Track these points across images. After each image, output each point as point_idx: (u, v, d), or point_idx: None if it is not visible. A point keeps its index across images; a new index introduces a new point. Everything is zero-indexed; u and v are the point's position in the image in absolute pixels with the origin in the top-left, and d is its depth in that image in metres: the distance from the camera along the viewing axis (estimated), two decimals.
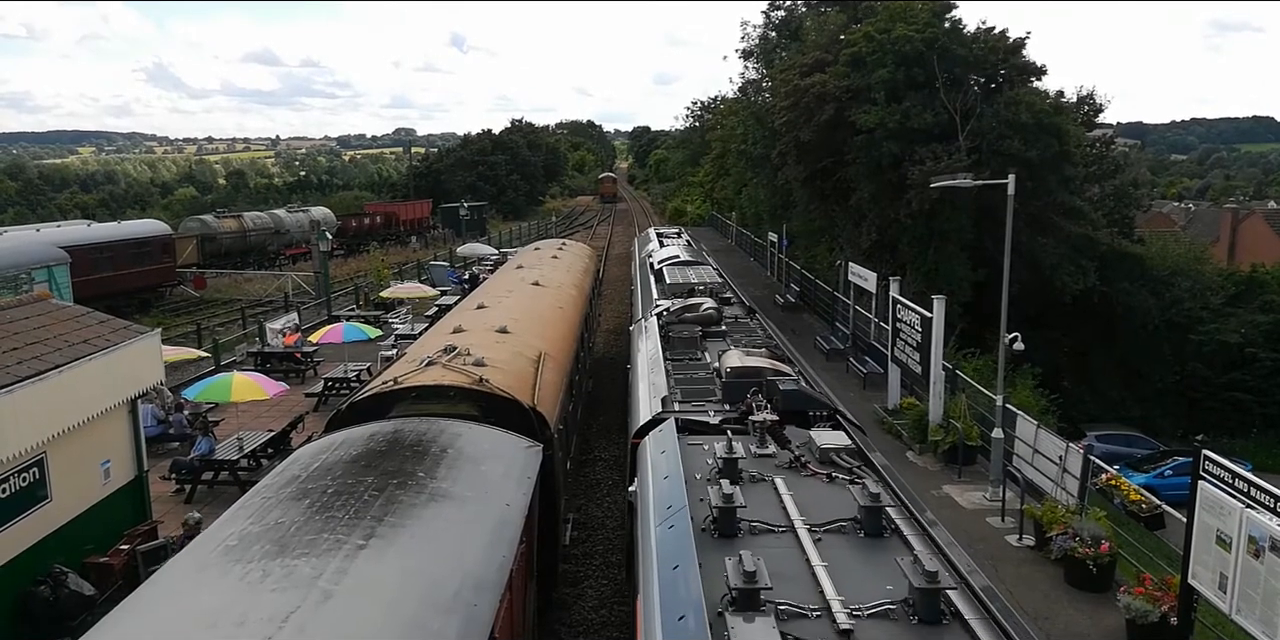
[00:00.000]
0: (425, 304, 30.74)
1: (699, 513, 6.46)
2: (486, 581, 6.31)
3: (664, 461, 7.87)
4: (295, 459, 8.35)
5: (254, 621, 5.07)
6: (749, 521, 6.24)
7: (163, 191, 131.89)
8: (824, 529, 6.20)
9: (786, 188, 34.72)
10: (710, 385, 10.58)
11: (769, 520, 6.31)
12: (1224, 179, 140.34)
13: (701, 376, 11.06)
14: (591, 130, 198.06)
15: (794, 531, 6.17)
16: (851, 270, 23.19)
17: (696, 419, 9.16)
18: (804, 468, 7.55)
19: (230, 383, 15.71)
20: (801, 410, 9.11)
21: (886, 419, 18.39)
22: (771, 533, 6.18)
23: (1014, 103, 27.11)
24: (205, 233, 47.61)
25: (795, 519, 6.34)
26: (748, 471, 7.31)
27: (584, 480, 16.76)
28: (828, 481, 7.28)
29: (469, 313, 15.15)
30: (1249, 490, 8.17)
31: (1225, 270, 41.16)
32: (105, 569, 11.06)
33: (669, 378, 11.01)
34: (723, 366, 10.97)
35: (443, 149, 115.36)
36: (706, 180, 65.91)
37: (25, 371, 9.72)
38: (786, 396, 9.27)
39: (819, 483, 7.27)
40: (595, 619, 12.06)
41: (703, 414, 9.36)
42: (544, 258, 24.12)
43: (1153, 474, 25.71)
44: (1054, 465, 13.24)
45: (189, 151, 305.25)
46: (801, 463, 7.63)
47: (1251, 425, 35.13)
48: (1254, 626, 8.08)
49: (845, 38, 29.95)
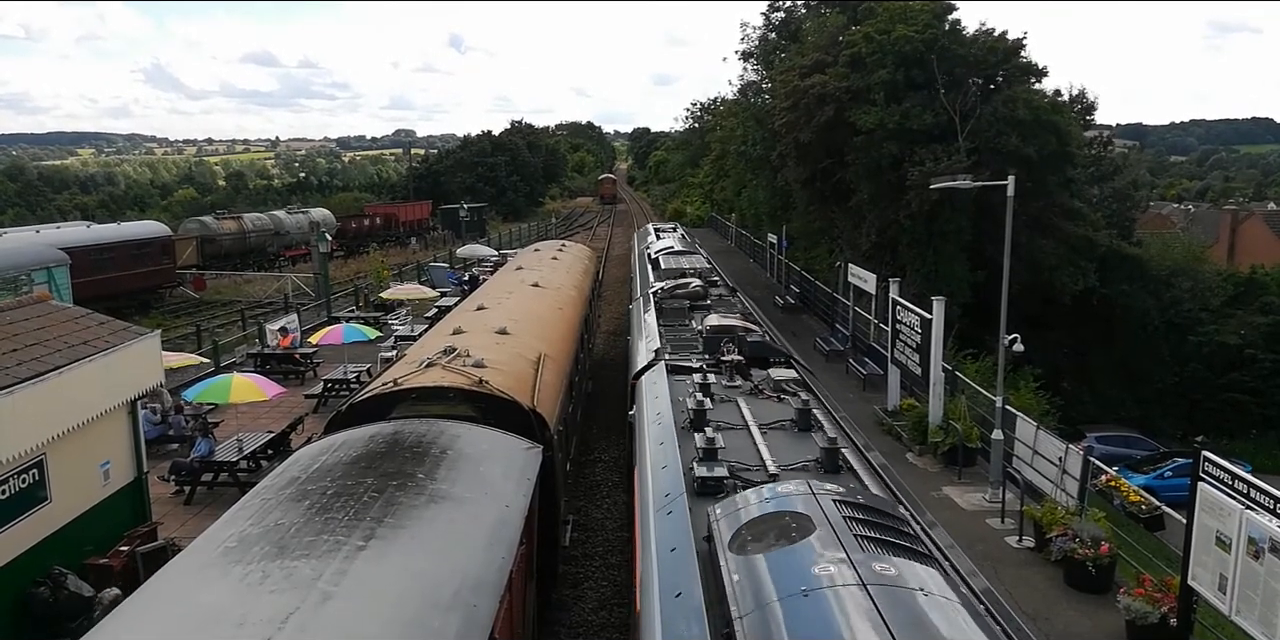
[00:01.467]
0: (425, 305, 30.74)
1: (680, 417, 8.84)
2: (486, 583, 6.31)
3: (655, 390, 10.31)
4: (295, 460, 8.35)
5: (254, 622, 5.07)
6: (715, 422, 8.48)
7: (162, 193, 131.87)
8: (768, 426, 8.62)
9: (786, 189, 34.77)
10: (694, 342, 12.74)
11: (729, 421, 8.71)
12: (1223, 180, 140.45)
13: (687, 337, 13.32)
14: (591, 131, 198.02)
15: (747, 427, 8.57)
16: (851, 271, 23.20)
17: (682, 364, 11.26)
18: (760, 393, 10.01)
19: (229, 384, 15.70)
20: (763, 356, 11.54)
21: (886, 420, 18.39)
22: (731, 428, 8.47)
23: (1012, 99, 27.14)
24: (205, 234, 47.62)
25: (749, 421, 8.75)
26: (717, 395, 9.69)
27: (584, 482, 16.76)
28: (777, 401, 9.71)
29: (469, 314, 15.15)
30: (1248, 491, 8.18)
31: (1225, 271, 41.17)
32: (105, 570, 11.05)
33: (661, 337, 13.21)
34: (704, 327, 13.20)
35: (442, 150, 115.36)
36: (706, 181, 65.93)
37: (25, 373, 9.72)
38: (751, 346, 11.75)
39: (771, 402, 9.69)
40: (595, 620, 12.06)
41: (687, 361, 11.44)
42: (544, 259, 24.13)
43: (1152, 475, 25.73)
44: (1054, 466, 13.25)
45: (189, 153, 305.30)
46: (759, 389, 10.12)
47: (1251, 426, 35.15)
48: (1253, 627, 8.09)
49: (845, 39, 29.98)
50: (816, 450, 7.63)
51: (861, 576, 4.74)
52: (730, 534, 5.65)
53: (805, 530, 5.36)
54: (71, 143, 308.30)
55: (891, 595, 4.59)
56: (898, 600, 4.55)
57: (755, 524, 5.67)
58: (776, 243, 37.16)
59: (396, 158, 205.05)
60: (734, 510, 6.01)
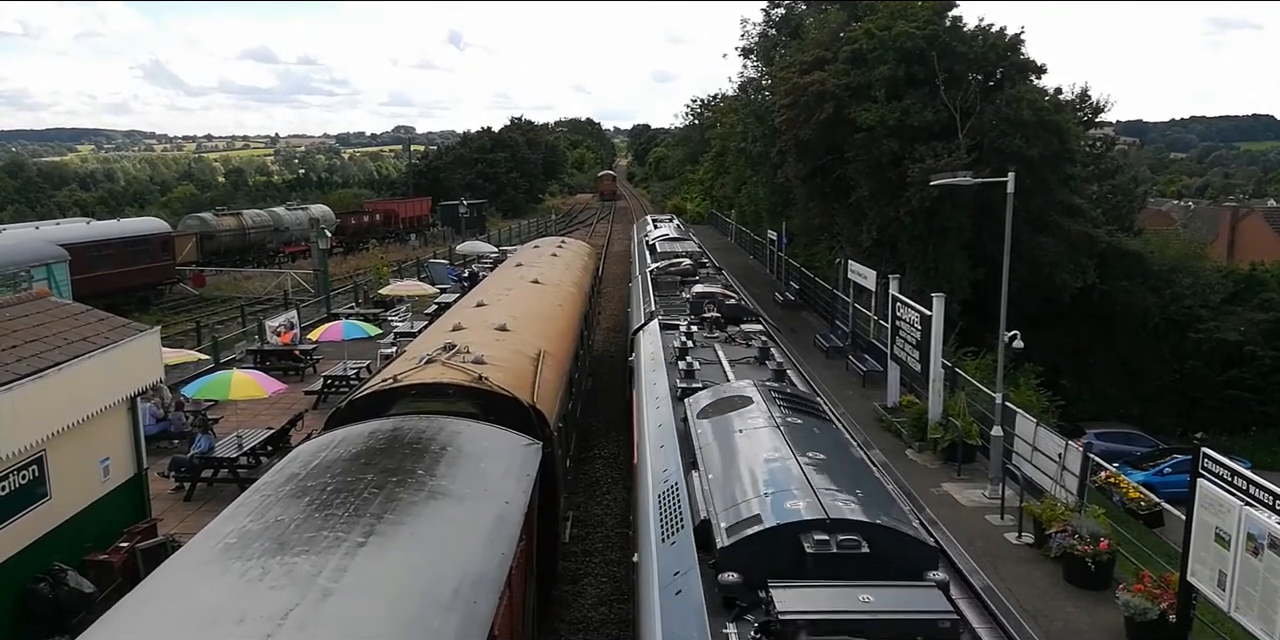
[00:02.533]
0: (424, 302, 30.72)
1: (668, 356, 11.53)
2: (486, 579, 6.31)
3: (650, 340, 13.01)
4: (294, 457, 8.35)
5: (253, 619, 5.07)
6: (695, 358, 11.11)
7: (162, 189, 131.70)
8: (736, 361, 11.30)
9: (786, 186, 34.70)
10: (683, 308, 15.36)
11: (706, 358, 11.41)
12: (1223, 177, 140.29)
13: (676, 303, 16.04)
14: (590, 128, 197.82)
15: (719, 362, 11.31)
16: (851, 268, 23.20)
17: (671, 322, 13.88)
18: (733, 341, 12.74)
19: (229, 381, 15.69)
20: (738, 315, 14.22)
21: (886, 417, 18.40)
22: (707, 363, 11.14)
23: (1015, 100, 27.10)
24: (204, 230, 47.61)
25: (720, 357, 11.51)
26: (698, 341, 12.38)
27: (584, 478, 16.77)
28: (745, 346, 12.31)
29: (468, 311, 15.15)
30: (1248, 488, 8.17)
31: (1224, 268, 41.13)
32: (105, 566, 11.06)
33: (655, 303, 16.15)
34: (690, 293, 16.04)
35: (442, 147, 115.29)
36: (706, 178, 65.87)
37: (24, 369, 9.72)
38: (729, 308, 14.47)
39: (740, 347, 12.37)
40: (595, 617, 12.07)
41: (676, 320, 13.92)
42: (543, 256, 24.12)
43: (1152, 471, 25.74)
44: (1053, 463, 13.25)
45: (188, 149, 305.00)
46: (731, 338, 12.87)
47: (1250, 423, 35.14)
48: (1252, 624, 8.09)
49: (845, 35, 29.91)
50: (769, 374, 10.39)
51: (777, 423, 7.56)
52: (698, 410, 8.47)
53: (746, 403, 8.23)
54: (71, 139, 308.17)
55: (794, 430, 7.41)
56: (798, 432, 7.37)
57: (715, 403, 8.48)
58: (776, 239, 37.15)
59: (396, 154, 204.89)
60: (702, 399, 8.84)
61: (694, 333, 12.70)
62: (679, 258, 21.24)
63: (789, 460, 6.57)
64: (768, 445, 6.99)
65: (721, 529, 5.70)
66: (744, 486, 6.30)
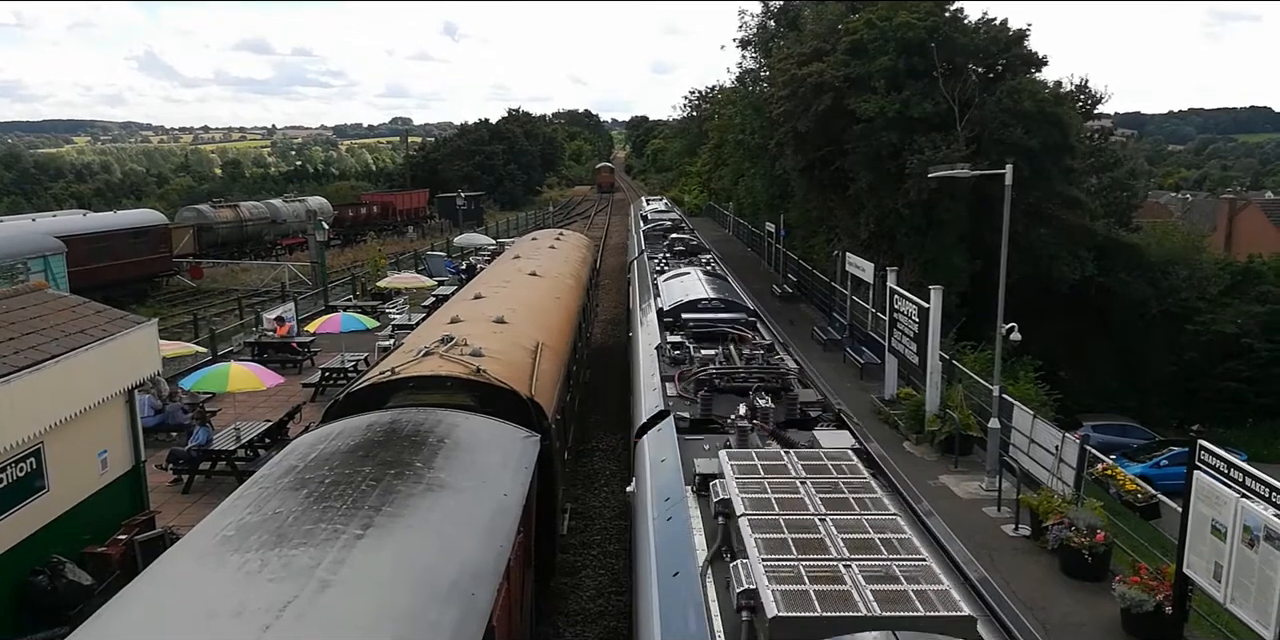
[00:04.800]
0: (422, 294, 30.71)
1: (651, 270, 20.25)
2: (484, 571, 6.32)
3: (640, 267, 22.74)
4: (293, 449, 8.35)
5: (252, 611, 5.08)
6: (670, 271, 19.25)
7: (159, 181, 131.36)
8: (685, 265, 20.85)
9: (784, 178, 34.67)
10: (667, 250, 24.20)
11: (678, 272, 18.76)
12: (1221, 169, 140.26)
13: (660, 247, 24.95)
14: (588, 120, 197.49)
15: (686, 274, 17.82)
16: (849, 260, 23.18)
17: (655, 257, 22.49)
18: (695, 265, 20.36)
19: (227, 373, 15.67)
20: (694, 251, 24.00)
21: (884, 409, 18.42)
22: (678, 275, 18.07)
23: (1016, 91, 27.05)
24: (202, 222, 47.51)
25: (687, 271, 18.70)
26: (672, 266, 20.43)
27: (582, 470, 16.79)
28: (706, 268, 19.98)
29: (466, 303, 15.14)
30: (1244, 480, 8.20)
31: (1222, 260, 41.13)
32: (103, 559, 11.07)
33: (646, 245, 26.75)
34: (669, 241, 26.05)
35: (439, 138, 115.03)
36: (704, 170, 65.74)
37: (22, 361, 9.71)
38: (691, 247, 24.72)
39: (703, 268, 19.53)
40: (593, 608, 12.10)
41: (657, 254, 22.99)
42: (541, 248, 24.09)
43: (1149, 464, 25.82)
44: (1050, 455, 13.26)
45: (185, 141, 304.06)
46: (693, 263, 20.98)
47: (1247, 415, 35.19)
48: (1248, 615, 8.13)
49: (845, 26, 29.82)
50: (733, 291, 16.82)
51: (702, 279, 16.83)
52: (663, 279, 18.02)
53: (685, 274, 17.73)
54: (67, 131, 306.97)
55: (713, 281, 17.14)
56: (707, 279, 17.03)
57: (670, 275, 18.35)
58: (774, 232, 37.12)
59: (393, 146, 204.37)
60: (665, 274, 18.24)
61: (669, 260, 22.06)
62: (664, 220, 34.22)
63: (697, 285, 15.81)
64: (689, 283, 16.28)
65: (666, 307, 14.61)
66: (675, 295, 15.43)
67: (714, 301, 14.73)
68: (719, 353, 11.56)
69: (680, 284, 16.71)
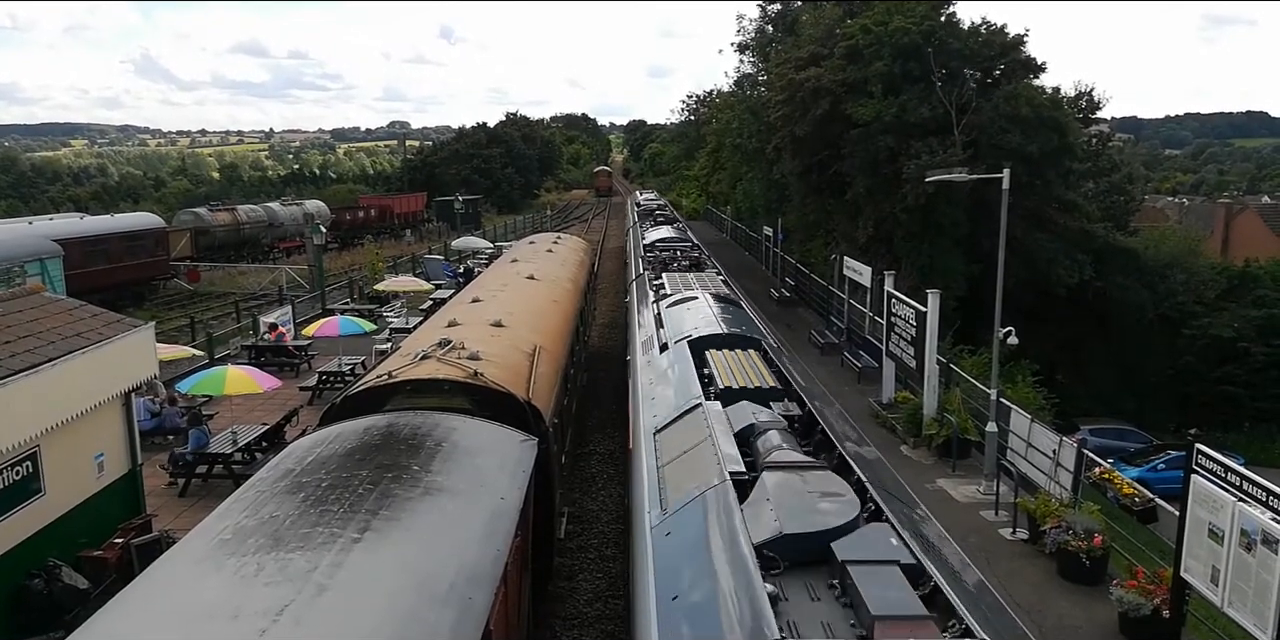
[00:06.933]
0: (420, 297, 30.70)
1: (647, 253, 25.35)
2: (482, 575, 6.31)
3: (634, 237, 31.51)
4: (289, 452, 8.33)
5: (248, 615, 5.06)
6: (658, 244, 26.53)
7: (156, 184, 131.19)
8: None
9: (781, 182, 34.72)
10: (658, 229, 29.51)
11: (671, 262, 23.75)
12: (1218, 174, 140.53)
13: (650, 226, 32.23)
14: (586, 123, 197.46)
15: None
16: (847, 264, 23.21)
17: (646, 231, 31.17)
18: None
19: (224, 376, 15.65)
20: (669, 222, 34.88)
21: (881, 413, 18.43)
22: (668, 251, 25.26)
23: (1013, 97, 27.10)
24: (199, 226, 47.47)
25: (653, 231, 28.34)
26: (665, 248, 25.83)
27: (579, 474, 16.77)
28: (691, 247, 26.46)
29: (464, 306, 15.12)
30: (1241, 484, 8.20)
31: (1219, 265, 41.22)
32: (100, 563, 11.04)
33: (639, 224, 34.93)
34: (654, 226, 32.23)
35: (437, 142, 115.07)
36: (702, 174, 65.82)
37: (18, 365, 9.69)
38: (676, 228, 31.40)
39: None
40: (590, 612, 12.08)
41: (647, 230, 31.32)
42: (539, 251, 24.09)
43: (1146, 467, 25.82)
44: (1047, 459, 13.27)
45: (182, 144, 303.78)
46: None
47: (1244, 419, 35.25)
48: (1245, 619, 8.13)
49: (841, 31, 29.90)
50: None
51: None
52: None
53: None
54: (64, 134, 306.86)
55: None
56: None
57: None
58: (772, 235, 37.16)
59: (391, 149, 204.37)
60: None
61: (664, 246, 26.09)
62: (653, 205, 45.52)
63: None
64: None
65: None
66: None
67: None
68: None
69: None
